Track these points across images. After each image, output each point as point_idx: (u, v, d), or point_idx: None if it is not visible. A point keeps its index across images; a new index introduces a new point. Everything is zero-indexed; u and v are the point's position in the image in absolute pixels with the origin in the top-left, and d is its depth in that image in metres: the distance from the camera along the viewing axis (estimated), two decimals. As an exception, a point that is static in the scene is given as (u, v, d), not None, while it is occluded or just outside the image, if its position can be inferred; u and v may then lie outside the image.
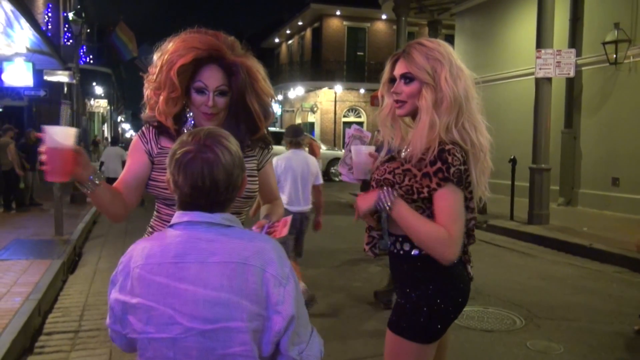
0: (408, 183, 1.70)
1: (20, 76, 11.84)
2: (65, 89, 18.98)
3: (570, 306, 4.85)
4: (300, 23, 28.38)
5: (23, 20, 8.73)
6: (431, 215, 1.71)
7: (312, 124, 27.09)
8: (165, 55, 1.74)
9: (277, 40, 33.09)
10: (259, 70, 1.83)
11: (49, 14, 17.97)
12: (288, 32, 30.65)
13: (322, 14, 26.07)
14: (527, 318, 4.49)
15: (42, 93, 15.68)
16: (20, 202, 9.91)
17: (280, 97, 28.78)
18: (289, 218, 1.80)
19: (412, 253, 1.76)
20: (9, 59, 11.36)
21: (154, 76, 1.77)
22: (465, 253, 1.83)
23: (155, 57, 1.80)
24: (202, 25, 1.82)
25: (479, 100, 1.78)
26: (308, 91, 27.09)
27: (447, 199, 1.66)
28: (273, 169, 2.09)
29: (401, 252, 1.78)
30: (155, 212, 1.89)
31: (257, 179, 1.91)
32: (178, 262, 1.19)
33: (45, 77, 12.09)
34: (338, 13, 26.19)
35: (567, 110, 11.08)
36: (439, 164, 1.64)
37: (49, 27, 17.73)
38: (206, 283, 1.17)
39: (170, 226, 1.28)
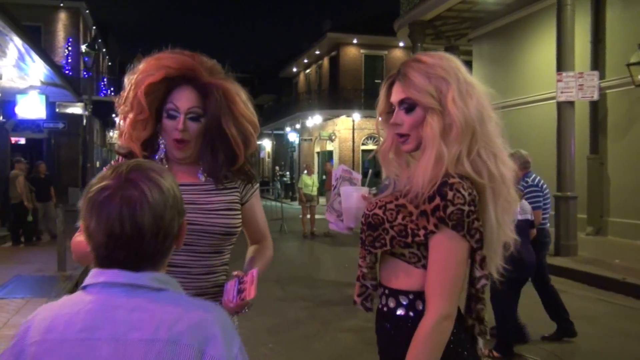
0: (402, 222, 1.34)
1: (33, 109, 11.94)
2: (85, 121, 19.25)
3: (603, 352, 4.37)
4: (317, 52, 28.53)
5: (34, 54, 8.77)
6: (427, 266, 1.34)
7: (330, 153, 26.93)
8: (136, 75, 1.57)
9: (295, 69, 33.32)
10: (239, 93, 1.62)
11: (69, 48, 18.34)
12: (305, 61, 30.83)
13: (339, 42, 26.16)
14: (555, 366, 4.04)
15: (60, 125, 15.88)
16: (28, 236, 9.79)
17: (298, 126, 28.75)
18: (255, 272, 1.47)
19: (397, 313, 1.39)
20: (23, 91, 11.47)
21: (124, 99, 1.59)
22: (481, 322, 1.40)
23: (126, 79, 1.61)
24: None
25: (498, 120, 1.41)
26: (326, 120, 27.01)
27: (440, 251, 1.31)
28: (260, 204, 1.79)
29: (385, 309, 1.42)
30: None
31: (238, 213, 1.66)
32: (86, 339, 0.89)
33: (58, 110, 12.17)
34: (355, 41, 26.24)
35: (592, 135, 10.63)
36: (437, 200, 1.29)
37: (69, 60, 18.07)
38: None
39: (83, 288, 0.97)
